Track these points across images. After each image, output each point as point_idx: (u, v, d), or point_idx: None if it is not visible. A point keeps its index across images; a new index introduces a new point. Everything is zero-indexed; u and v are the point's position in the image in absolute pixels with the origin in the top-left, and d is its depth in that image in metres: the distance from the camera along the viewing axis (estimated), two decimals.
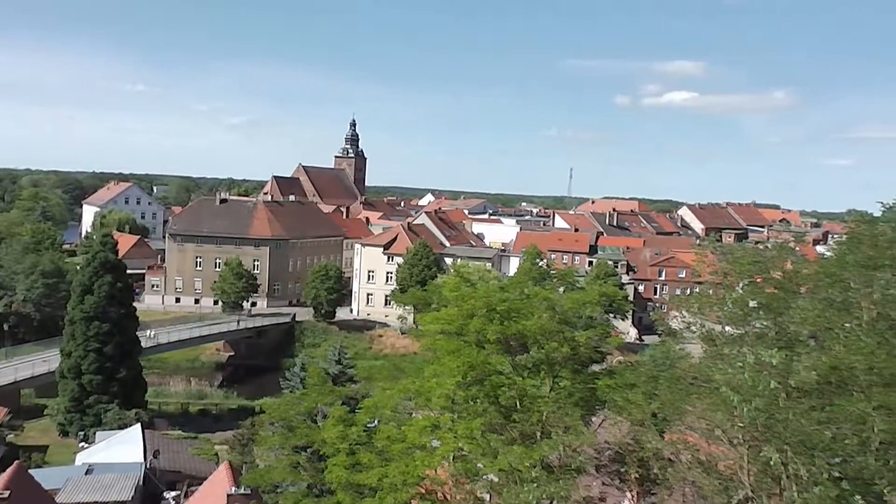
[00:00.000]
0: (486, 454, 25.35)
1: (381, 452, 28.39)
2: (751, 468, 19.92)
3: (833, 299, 20.31)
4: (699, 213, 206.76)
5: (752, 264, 22.65)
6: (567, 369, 27.88)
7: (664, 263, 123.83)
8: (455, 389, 25.93)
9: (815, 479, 17.84)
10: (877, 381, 18.34)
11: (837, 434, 18.29)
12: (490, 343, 27.20)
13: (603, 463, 29.55)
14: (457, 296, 29.14)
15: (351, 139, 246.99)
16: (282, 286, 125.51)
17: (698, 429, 22.77)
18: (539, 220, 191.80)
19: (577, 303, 28.37)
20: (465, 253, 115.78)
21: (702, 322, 23.78)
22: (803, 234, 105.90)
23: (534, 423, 26.00)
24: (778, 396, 18.67)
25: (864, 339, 18.82)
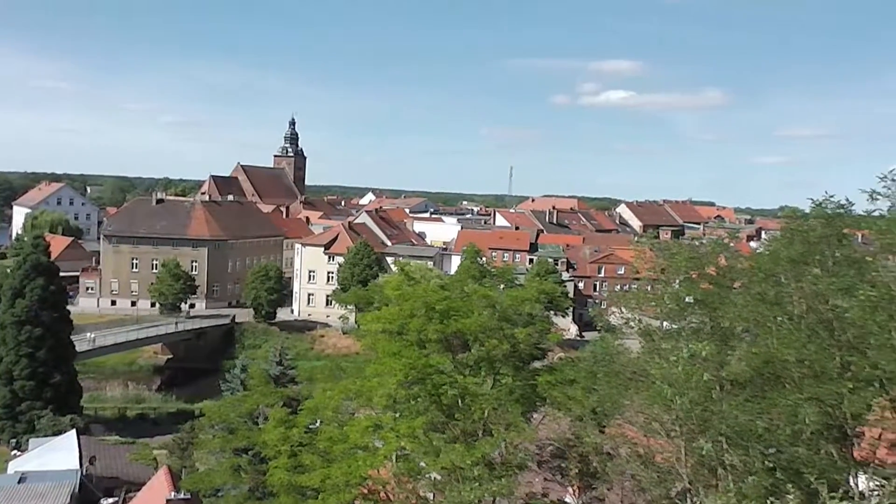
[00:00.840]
0: (428, 453, 25.36)
1: (323, 453, 28.23)
2: (688, 460, 20.28)
3: (766, 294, 20.74)
4: (637, 211, 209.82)
5: (687, 260, 23.06)
6: (508, 366, 28.05)
7: (603, 260, 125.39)
8: (397, 389, 25.88)
9: (750, 469, 18.23)
10: (808, 373, 18.82)
11: (770, 425, 18.73)
12: (431, 342, 27.23)
13: (544, 459, 29.85)
14: (398, 295, 29.10)
15: (290, 138, 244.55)
16: (221, 287, 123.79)
17: (636, 423, 23.13)
18: (480, 218, 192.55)
19: (516, 300, 28.57)
20: (406, 252, 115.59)
21: (639, 318, 24.15)
22: (737, 231, 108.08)
23: (475, 421, 26.11)
24: (712, 389, 19.05)
25: (796, 332, 19.29)
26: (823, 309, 18.97)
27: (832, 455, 19.06)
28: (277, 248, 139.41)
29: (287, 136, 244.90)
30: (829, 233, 19.96)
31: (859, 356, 18.18)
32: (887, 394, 18.13)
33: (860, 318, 17.98)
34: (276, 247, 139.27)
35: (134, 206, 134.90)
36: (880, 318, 17.84)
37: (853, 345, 18.45)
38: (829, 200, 20.38)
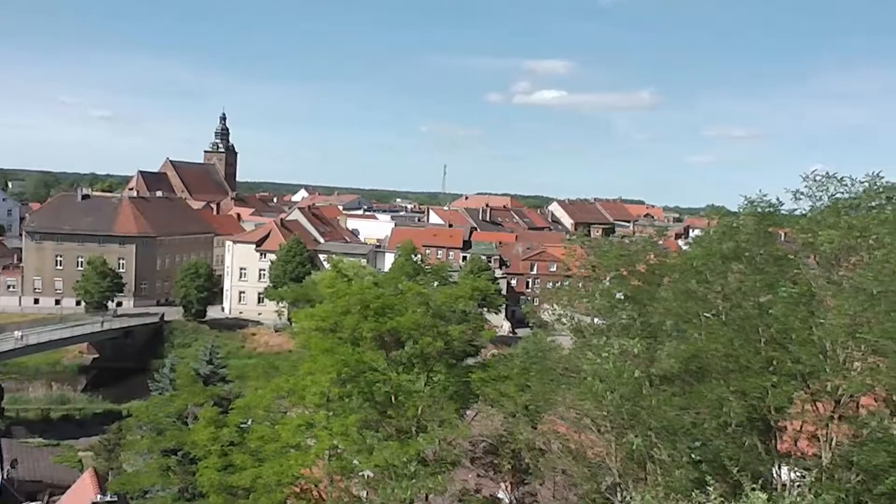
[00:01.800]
0: (361, 451, 25.26)
1: (254, 453, 27.91)
2: (618, 454, 20.61)
3: (693, 290, 21.20)
4: (569, 209, 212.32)
5: (617, 258, 23.45)
6: (441, 363, 28.11)
7: (536, 258, 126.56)
8: (330, 387, 25.74)
9: (677, 463, 18.65)
10: (733, 367, 19.32)
11: (697, 419, 19.19)
12: (365, 339, 27.14)
13: (478, 455, 29.99)
14: (332, 292, 28.93)
15: (221, 133, 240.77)
16: (149, 285, 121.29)
17: (568, 418, 23.42)
18: (414, 215, 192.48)
19: (450, 297, 28.64)
20: (339, 249, 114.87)
21: (571, 314, 24.47)
22: (665, 229, 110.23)
23: (409, 418, 26.11)
24: (641, 385, 19.40)
25: (721, 328, 19.77)
26: (748, 305, 19.48)
27: (756, 447, 19.60)
28: (208, 246, 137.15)
29: (218, 132, 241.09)
30: (755, 231, 20.50)
31: (782, 351, 18.73)
32: (808, 388, 18.72)
33: (783, 315, 18.53)
34: (207, 244, 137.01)
35: (58, 202, 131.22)
36: (801, 314, 18.42)
37: (776, 340, 18.99)
38: (762, 199, 20.90)
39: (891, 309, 16.97)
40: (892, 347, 16.69)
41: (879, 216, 18.82)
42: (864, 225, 18.54)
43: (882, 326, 16.77)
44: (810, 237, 19.59)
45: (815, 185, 19.86)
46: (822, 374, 18.17)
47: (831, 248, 18.72)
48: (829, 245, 18.56)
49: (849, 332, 17.22)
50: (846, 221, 18.59)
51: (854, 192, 19.79)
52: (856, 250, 19.03)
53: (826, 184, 19.84)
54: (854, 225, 18.57)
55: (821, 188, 19.85)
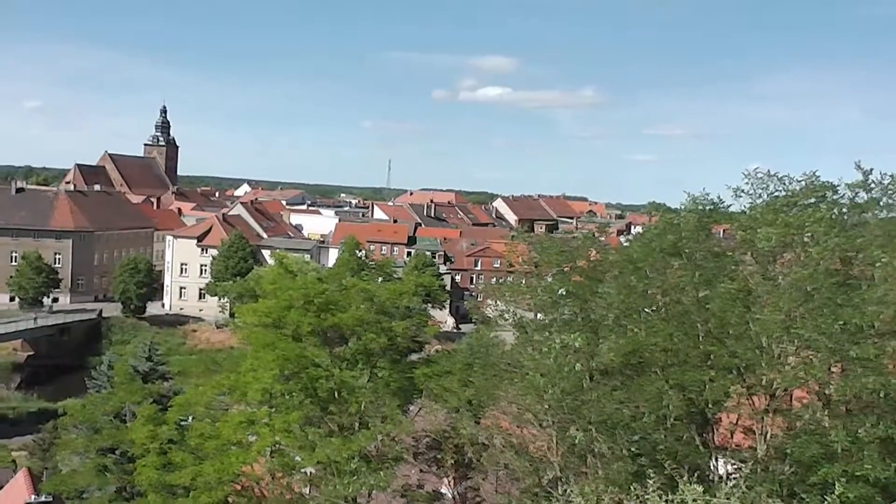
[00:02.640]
0: (303, 447, 25.14)
1: (194, 451, 27.58)
2: (559, 448, 20.80)
3: (634, 285, 21.46)
4: (513, 205, 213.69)
5: (559, 254, 23.62)
6: (385, 359, 28.05)
7: (480, 254, 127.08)
8: (272, 383, 25.51)
9: (617, 456, 18.91)
10: (672, 361, 19.63)
11: (637, 412, 19.43)
12: (307, 335, 26.95)
13: (420, 451, 30.01)
14: (275, 287, 28.65)
15: (162, 127, 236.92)
16: (87, 281, 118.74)
17: (510, 413, 23.55)
18: (358, 211, 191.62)
19: (394, 293, 28.56)
20: (283, 244, 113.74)
21: (514, 310, 24.60)
22: (607, 225, 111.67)
23: (352, 415, 26.02)
24: (582, 379, 19.60)
25: (661, 323, 20.07)
26: (687, 300, 19.80)
27: (694, 440, 19.94)
28: (148, 241, 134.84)
29: (158, 125, 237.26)
30: (696, 228, 20.83)
31: (719, 345, 19.08)
32: (744, 381, 19.10)
33: (720, 310, 18.89)
34: (147, 239, 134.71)
35: None
36: (738, 309, 18.80)
37: (714, 334, 19.34)
38: (704, 197, 21.25)
39: (823, 305, 17.40)
40: (824, 343, 17.10)
41: (815, 214, 19.25)
42: (800, 223, 18.95)
43: (815, 322, 17.17)
44: (748, 234, 19.98)
45: (755, 183, 20.25)
46: (758, 369, 18.55)
47: (768, 246, 19.11)
48: (766, 242, 18.93)
49: (784, 328, 17.61)
50: (783, 219, 18.98)
51: (791, 191, 20.24)
52: (792, 247, 19.46)
53: (766, 182, 20.26)
54: (790, 223, 18.97)
55: (761, 186, 20.26)
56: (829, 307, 17.30)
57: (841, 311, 17.15)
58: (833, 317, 17.03)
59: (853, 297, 17.93)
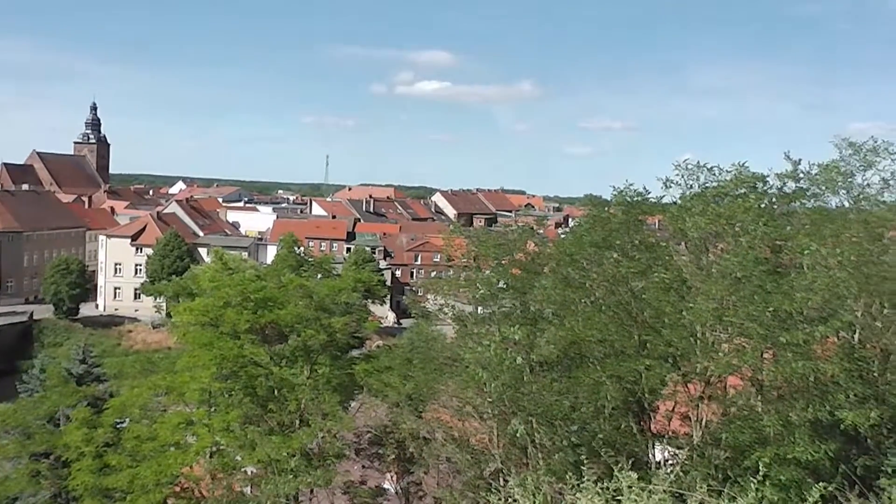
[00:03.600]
0: (243, 446, 24.91)
1: (131, 453, 27.06)
2: (500, 441, 20.94)
3: (571, 278, 21.67)
4: (452, 200, 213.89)
5: (497, 247, 23.74)
6: (325, 356, 27.92)
7: (419, 248, 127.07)
8: (210, 382, 25.19)
9: (557, 447, 19.10)
10: (609, 352, 19.87)
11: (576, 403, 19.66)
12: (246, 333, 26.66)
13: (362, 446, 29.97)
14: (214, 285, 28.28)
15: (92, 123, 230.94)
16: (16, 282, 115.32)
17: (451, 407, 23.63)
18: (296, 207, 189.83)
19: (333, 289, 28.44)
20: (220, 242, 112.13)
21: (453, 304, 24.66)
22: (545, 218, 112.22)
23: (292, 412, 25.85)
24: (522, 371, 19.74)
25: (598, 314, 20.30)
26: (622, 291, 20.05)
27: (632, 429, 20.24)
28: (79, 241, 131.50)
29: (88, 122, 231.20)
30: (628, 219, 21.13)
31: (655, 335, 19.37)
32: (679, 369, 19.44)
33: (655, 300, 19.19)
34: (78, 239, 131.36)
35: None
36: (672, 298, 19.11)
37: (649, 324, 19.63)
38: (630, 189, 21.57)
39: (754, 293, 17.79)
40: (755, 330, 17.49)
41: (744, 204, 19.69)
42: (730, 213, 19.37)
43: (746, 310, 17.55)
44: (680, 225, 20.35)
45: (685, 174, 20.64)
46: (693, 357, 18.89)
47: (700, 235, 19.49)
48: (697, 232, 19.31)
49: (716, 316, 17.96)
50: (713, 209, 19.37)
51: (721, 181, 20.66)
52: (722, 237, 19.88)
53: (696, 173, 20.64)
54: (721, 213, 19.37)
55: (691, 177, 20.65)
56: (759, 295, 17.70)
57: (771, 298, 17.56)
58: (763, 304, 17.43)
59: (782, 284, 18.38)
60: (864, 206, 23.60)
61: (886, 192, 24.01)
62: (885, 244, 22.43)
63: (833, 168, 22.96)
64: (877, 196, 23.99)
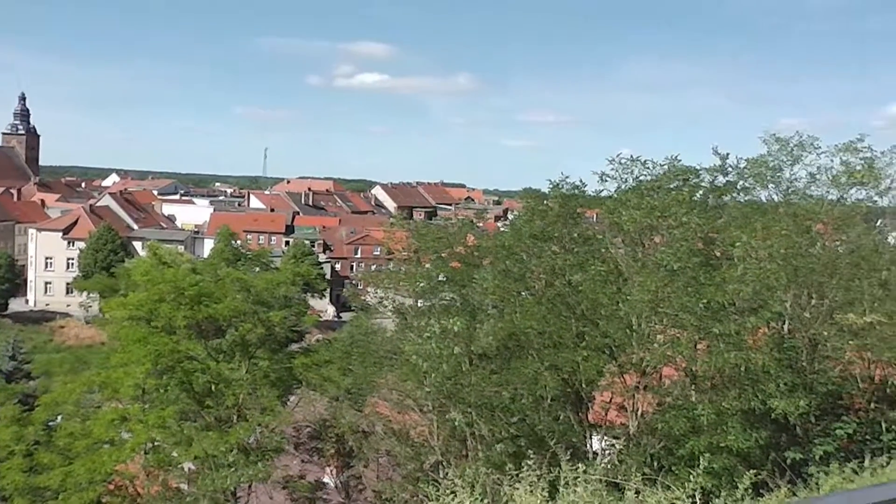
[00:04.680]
0: (180, 443, 24.60)
1: (63, 451, 26.49)
2: (440, 433, 21.01)
3: (510, 270, 21.84)
4: (392, 193, 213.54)
5: (436, 240, 23.80)
6: (263, 350, 27.68)
7: (359, 242, 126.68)
8: (145, 378, 24.80)
9: (497, 438, 19.23)
10: (547, 343, 20.06)
11: (515, 394, 19.82)
12: (182, 328, 26.28)
13: (302, 441, 29.77)
14: (147, 280, 27.76)
15: (21, 114, 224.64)
16: None
17: (391, 400, 23.64)
18: (234, 200, 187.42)
19: (270, 283, 28.17)
20: (155, 236, 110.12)
21: (393, 297, 24.66)
22: (485, 211, 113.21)
23: (229, 407, 25.58)
24: (462, 363, 19.84)
25: (536, 306, 20.49)
26: (560, 283, 20.27)
27: (570, 420, 20.50)
28: (8, 234, 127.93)
29: (17, 113, 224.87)
30: (564, 212, 21.37)
31: (592, 326, 19.62)
32: (616, 360, 19.73)
33: (592, 291, 19.44)
34: (7, 233, 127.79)
35: None
36: (609, 290, 19.39)
37: (587, 316, 19.87)
38: (565, 182, 21.84)
39: (688, 284, 18.15)
40: (689, 321, 17.87)
41: (678, 197, 20.08)
42: (664, 206, 19.73)
43: (680, 301, 17.91)
44: (616, 217, 20.66)
45: (620, 168, 20.96)
46: (629, 348, 19.19)
47: (635, 228, 19.81)
48: (632, 225, 19.62)
49: (651, 307, 18.28)
50: (648, 202, 19.71)
51: (655, 175, 21.04)
52: (657, 229, 20.24)
53: (630, 166, 20.99)
54: (655, 206, 19.72)
55: (626, 171, 20.99)
56: (693, 286, 18.07)
57: (704, 289, 17.94)
58: (697, 295, 17.81)
59: (715, 276, 18.81)
60: (793, 199, 24.29)
61: (813, 186, 24.77)
62: (813, 237, 23.12)
63: (761, 163, 23.61)
64: (805, 190, 24.73)
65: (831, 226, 24.26)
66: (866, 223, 25.13)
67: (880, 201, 25.56)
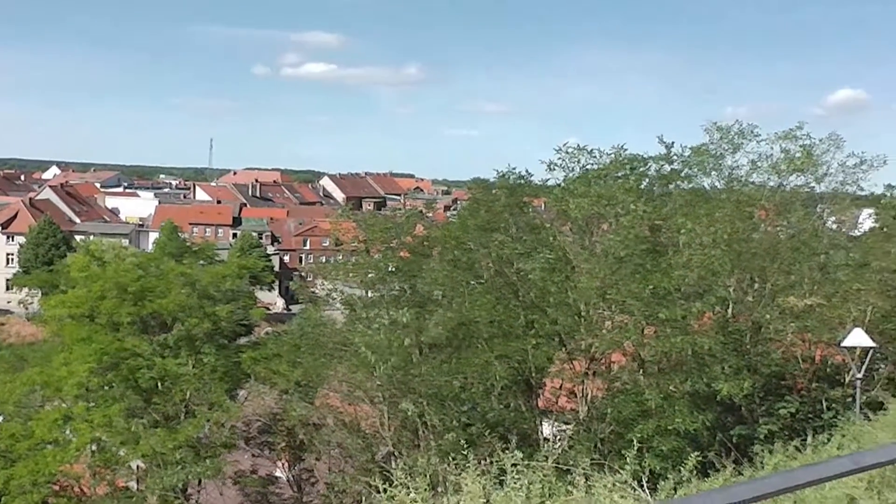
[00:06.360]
0: (126, 441, 24.16)
1: (5, 453, 25.82)
2: (391, 423, 20.99)
3: (459, 260, 21.85)
4: (340, 183, 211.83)
5: (384, 231, 23.71)
6: (210, 345, 27.30)
7: (308, 233, 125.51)
8: (89, 376, 24.28)
9: (448, 427, 19.26)
10: (497, 332, 20.12)
11: (465, 383, 19.88)
12: (125, 325, 25.80)
13: (252, 435, 29.48)
14: (86, 276, 27.16)
15: None
16: None
17: (341, 392, 23.52)
18: (179, 192, 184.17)
19: (216, 277, 27.81)
20: (98, 230, 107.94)
21: (342, 288, 24.52)
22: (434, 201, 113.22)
23: (177, 403, 25.21)
24: (412, 353, 19.82)
25: (485, 295, 20.54)
26: (509, 272, 20.33)
27: (520, 407, 20.62)
28: None
29: None
30: (511, 202, 21.43)
31: (541, 314, 19.74)
32: (565, 347, 19.90)
33: (540, 280, 19.55)
34: None
35: None
36: (557, 278, 19.52)
37: (535, 304, 19.99)
38: (512, 172, 21.88)
39: (635, 271, 18.37)
40: (637, 307, 18.08)
41: (624, 185, 20.28)
42: (611, 194, 19.90)
43: (628, 287, 18.12)
44: (563, 206, 20.78)
45: (567, 157, 21.06)
46: (578, 334, 19.37)
47: (582, 216, 19.95)
48: (580, 213, 19.77)
49: (599, 294, 18.47)
50: (595, 191, 19.86)
51: (602, 164, 21.20)
52: (604, 217, 20.41)
53: (577, 155, 21.10)
54: (602, 194, 19.88)
55: (572, 160, 21.10)
56: (640, 273, 18.29)
57: (651, 276, 18.18)
58: (644, 282, 18.03)
59: (661, 262, 19.06)
60: (735, 186, 24.73)
61: (755, 173, 25.26)
62: (755, 222, 23.57)
63: (704, 151, 23.99)
64: (746, 177, 25.20)
65: (772, 212, 24.76)
66: (805, 209, 25.69)
67: (818, 187, 26.19)
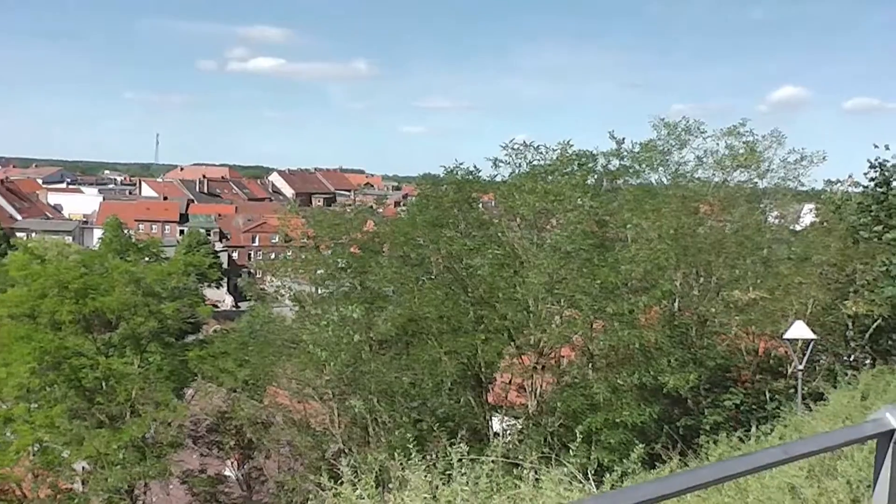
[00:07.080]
0: (70, 442, 23.68)
1: None
2: (341, 420, 20.90)
3: (408, 256, 21.83)
4: (290, 179, 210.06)
5: (333, 227, 23.59)
6: (156, 343, 26.86)
7: (257, 229, 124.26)
8: (29, 377, 23.70)
9: (398, 423, 19.25)
10: (446, 328, 20.17)
11: (415, 379, 19.87)
12: (69, 324, 25.24)
13: (200, 434, 29.09)
14: (25, 275, 26.50)
15: None
16: None
17: (290, 389, 23.35)
18: (125, 188, 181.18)
19: (161, 274, 27.33)
20: (40, 227, 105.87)
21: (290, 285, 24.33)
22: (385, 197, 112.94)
23: (122, 403, 24.71)
24: (361, 350, 19.74)
25: (435, 291, 20.56)
26: (458, 268, 20.38)
27: (471, 402, 20.68)
28: None
29: None
30: (460, 198, 21.46)
31: (490, 309, 19.83)
32: (514, 342, 20.01)
33: (489, 275, 19.62)
34: None
35: None
36: (506, 274, 19.63)
37: (484, 299, 20.08)
38: (459, 168, 21.91)
39: (583, 266, 18.53)
40: (585, 301, 18.25)
41: (571, 181, 20.44)
42: (558, 190, 20.05)
43: (576, 282, 18.28)
44: (511, 202, 20.88)
45: (514, 154, 21.18)
46: (527, 329, 19.51)
47: (530, 212, 20.06)
48: (527, 209, 19.87)
49: (548, 289, 18.59)
50: (542, 187, 19.99)
51: (549, 160, 21.35)
52: (552, 213, 20.55)
53: (524, 152, 21.22)
54: (550, 190, 20.02)
55: (519, 156, 21.22)
56: (587, 268, 18.46)
57: (598, 270, 18.36)
58: (592, 276, 18.20)
59: (608, 257, 19.26)
60: (681, 181, 25.10)
61: (700, 168, 25.68)
62: (700, 217, 23.95)
63: (651, 147, 24.30)
64: (692, 172, 25.60)
65: (717, 207, 25.18)
66: (749, 204, 26.17)
67: (761, 183, 26.72)
